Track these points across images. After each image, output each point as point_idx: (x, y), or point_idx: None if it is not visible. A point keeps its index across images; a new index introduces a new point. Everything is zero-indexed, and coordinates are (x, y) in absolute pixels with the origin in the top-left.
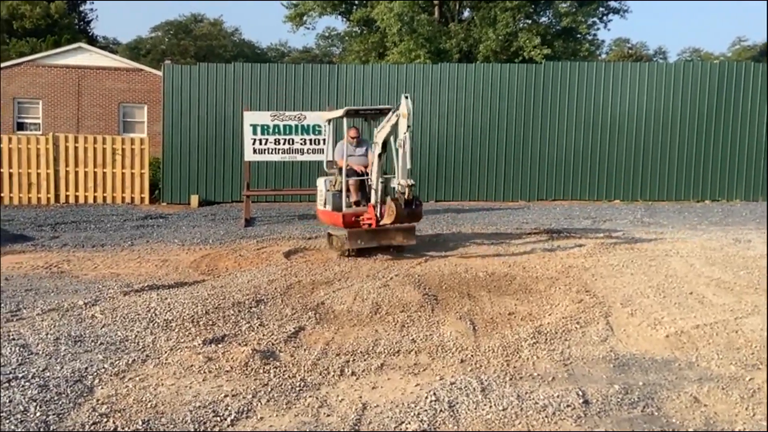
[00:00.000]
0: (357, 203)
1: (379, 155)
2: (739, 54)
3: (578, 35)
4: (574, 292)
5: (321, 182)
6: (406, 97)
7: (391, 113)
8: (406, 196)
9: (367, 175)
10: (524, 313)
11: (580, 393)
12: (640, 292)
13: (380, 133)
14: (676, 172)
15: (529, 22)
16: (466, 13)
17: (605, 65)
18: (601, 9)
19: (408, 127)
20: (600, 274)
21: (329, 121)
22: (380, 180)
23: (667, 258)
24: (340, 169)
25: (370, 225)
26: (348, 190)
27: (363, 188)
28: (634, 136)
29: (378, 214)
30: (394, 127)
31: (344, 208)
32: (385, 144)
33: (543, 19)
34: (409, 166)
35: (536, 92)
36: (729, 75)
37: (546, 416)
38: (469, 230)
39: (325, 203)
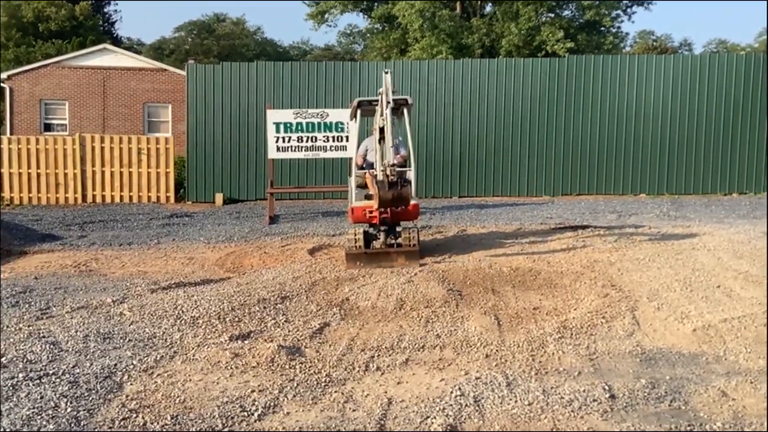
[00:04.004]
0: (370, 197)
1: (378, 141)
2: (766, 45)
3: (602, 28)
4: (599, 287)
5: (350, 180)
6: (386, 73)
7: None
8: (389, 178)
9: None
10: (549, 307)
11: (607, 387)
12: (666, 286)
13: (375, 117)
14: (702, 165)
15: (552, 15)
16: (488, 8)
17: (629, 58)
18: (624, 1)
19: (388, 103)
20: (626, 268)
21: (352, 117)
22: (381, 168)
23: (693, 251)
24: (359, 167)
25: (381, 217)
26: (364, 184)
27: None
28: (660, 130)
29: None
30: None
31: (354, 202)
32: (382, 129)
33: (566, 12)
34: (390, 144)
35: (560, 86)
36: (756, 66)
37: (572, 411)
38: (493, 225)
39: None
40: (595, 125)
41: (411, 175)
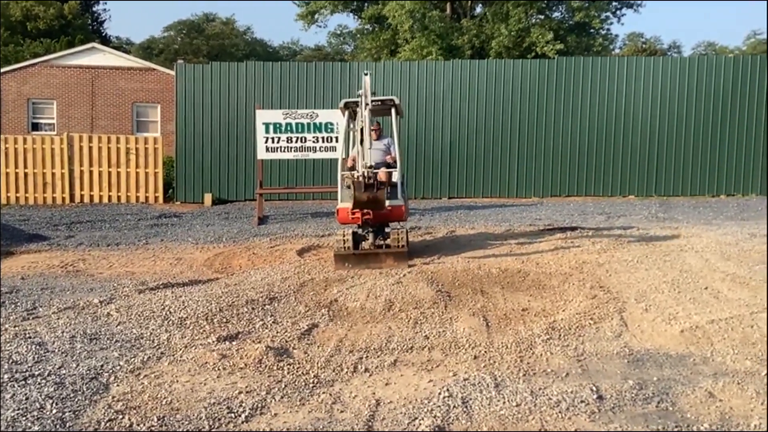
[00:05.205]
0: None
1: (360, 142)
2: (754, 47)
3: (591, 30)
4: (588, 288)
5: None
6: (366, 74)
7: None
8: (365, 180)
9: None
10: (538, 309)
11: (594, 389)
12: (654, 287)
13: (357, 119)
14: (690, 166)
15: (542, 17)
16: (478, 9)
17: (619, 60)
18: (614, 3)
19: (366, 105)
20: (614, 269)
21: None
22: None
23: (681, 253)
24: (349, 168)
25: (363, 219)
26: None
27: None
28: (648, 131)
29: None
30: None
31: (340, 203)
32: (362, 131)
33: (556, 14)
34: (368, 146)
35: (549, 88)
36: (744, 69)
37: (560, 412)
38: (482, 227)
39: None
40: (584, 127)
41: (396, 175)
